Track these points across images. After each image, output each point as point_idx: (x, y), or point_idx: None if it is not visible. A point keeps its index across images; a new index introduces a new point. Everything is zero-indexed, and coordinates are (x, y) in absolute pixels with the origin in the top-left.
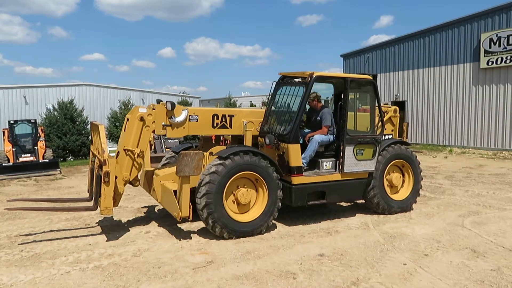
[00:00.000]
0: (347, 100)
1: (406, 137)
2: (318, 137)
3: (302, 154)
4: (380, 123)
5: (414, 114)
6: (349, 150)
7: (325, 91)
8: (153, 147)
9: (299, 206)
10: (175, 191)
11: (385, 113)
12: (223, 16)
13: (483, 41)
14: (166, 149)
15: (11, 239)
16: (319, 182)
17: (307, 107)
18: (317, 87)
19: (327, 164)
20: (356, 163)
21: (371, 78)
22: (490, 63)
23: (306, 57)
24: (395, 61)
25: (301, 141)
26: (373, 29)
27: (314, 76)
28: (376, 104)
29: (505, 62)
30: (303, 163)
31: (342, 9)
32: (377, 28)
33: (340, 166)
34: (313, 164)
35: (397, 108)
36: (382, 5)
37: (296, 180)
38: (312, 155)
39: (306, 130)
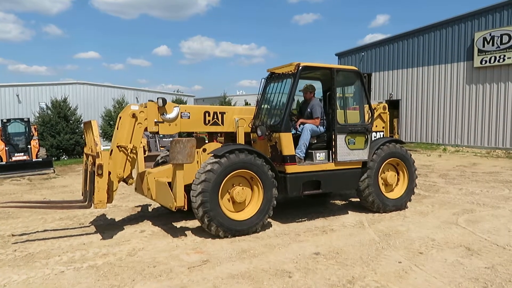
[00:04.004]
0: (335, 90)
1: (397, 133)
2: (309, 126)
3: (295, 146)
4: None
5: (409, 112)
6: (340, 139)
7: (316, 90)
8: (146, 152)
9: (295, 196)
10: (169, 183)
11: (375, 110)
12: (219, 15)
13: (477, 40)
14: (161, 148)
15: (4, 239)
16: (314, 172)
17: (300, 100)
18: None
19: (320, 155)
20: (349, 152)
21: (357, 69)
22: (483, 62)
23: (302, 56)
24: (389, 59)
25: (293, 132)
26: (369, 28)
27: (301, 66)
28: (364, 95)
29: (498, 61)
30: (299, 154)
31: (339, 8)
32: (373, 27)
33: (333, 155)
34: (306, 155)
35: (386, 105)
36: (378, 4)
37: (290, 169)
38: (306, 144)
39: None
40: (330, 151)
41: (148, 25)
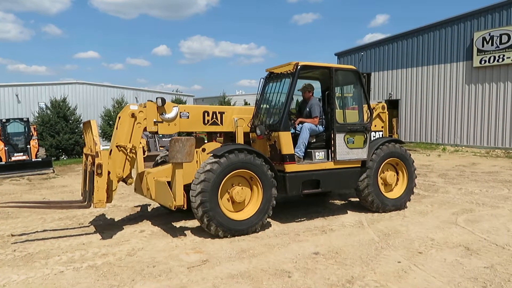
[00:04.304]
0: (334, 89)
1: (396, 133)
2: (308, 125)
3: (294, 145)
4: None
5: (408, 112)
6: (339, 138)
7: (315, 90)
8: (146, 152)
9: (294, 196)
10: (168, 182)
11: (374, 110)
12: (218, 15)
13: (476, 40)
14: (160, 148)
15: (3, 239)
16: (313, 171)
17: (299, 100)
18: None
19: (319, 154)
20: (348, 151)
21: (355, 68)
22: (483, 62)
23: (301, 56)
24: (389, 59)
25: (292, 131)
26: (369, 28)
27: (299, 66)
28: (363, 94)
29: (497, 61)
30: (298, 153)
31: (338, 7)
32: (372, 27)
33: (332, 154)
34: (305, 154)
35: (385, 104)
36: (378, 4)
37: (290, 167)
38: (305, 143)
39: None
40: (329, 150)
41: (147, 25)
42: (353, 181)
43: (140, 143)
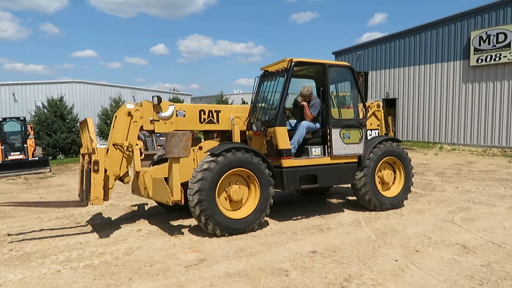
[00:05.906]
0: (328, 85)
1: (392, 131)
2: (305, 123)
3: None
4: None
5: (405, 111)
6: (335, 133)
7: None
8: (143, 154)
9: (292, 194)
10: (166, 179)
11: (369, 108)
12: (217, 13)
13: (473, 39)
14: (158, 147)
15: (0, 238)
16: (310, 166)
17: (296, 97)
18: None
19: (315, 150)
20: (344, 146)
21: (349, 64)
22: (479, 61)
23: (300, 55)
24: (386, 58)
25: (289, 128)
26: (367, 27)
27: (293, 62)
28: (357, 90)
29: (494, 60)
30: (291, 149)
31: (337, 6)
32: (371, 26)
33: (329, 149)
34: (302, 151)
35: (380, 103)
36: (376, 3)
37: (286, 162)
38: (300, 140)
39: (293, 121)
40: (326, 146)
41: (145, 24)
42: (350, 176)
43: (137, 144)
